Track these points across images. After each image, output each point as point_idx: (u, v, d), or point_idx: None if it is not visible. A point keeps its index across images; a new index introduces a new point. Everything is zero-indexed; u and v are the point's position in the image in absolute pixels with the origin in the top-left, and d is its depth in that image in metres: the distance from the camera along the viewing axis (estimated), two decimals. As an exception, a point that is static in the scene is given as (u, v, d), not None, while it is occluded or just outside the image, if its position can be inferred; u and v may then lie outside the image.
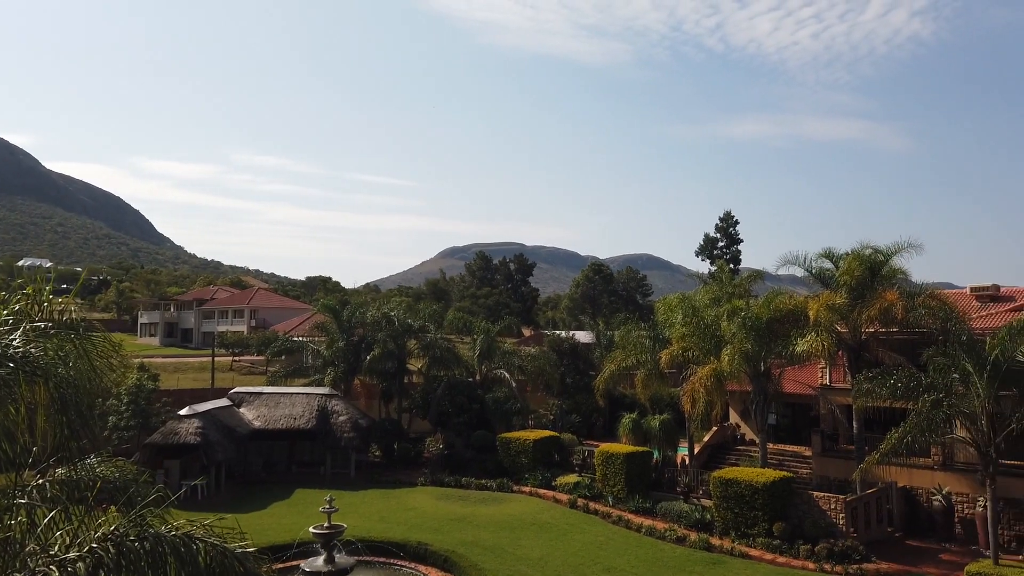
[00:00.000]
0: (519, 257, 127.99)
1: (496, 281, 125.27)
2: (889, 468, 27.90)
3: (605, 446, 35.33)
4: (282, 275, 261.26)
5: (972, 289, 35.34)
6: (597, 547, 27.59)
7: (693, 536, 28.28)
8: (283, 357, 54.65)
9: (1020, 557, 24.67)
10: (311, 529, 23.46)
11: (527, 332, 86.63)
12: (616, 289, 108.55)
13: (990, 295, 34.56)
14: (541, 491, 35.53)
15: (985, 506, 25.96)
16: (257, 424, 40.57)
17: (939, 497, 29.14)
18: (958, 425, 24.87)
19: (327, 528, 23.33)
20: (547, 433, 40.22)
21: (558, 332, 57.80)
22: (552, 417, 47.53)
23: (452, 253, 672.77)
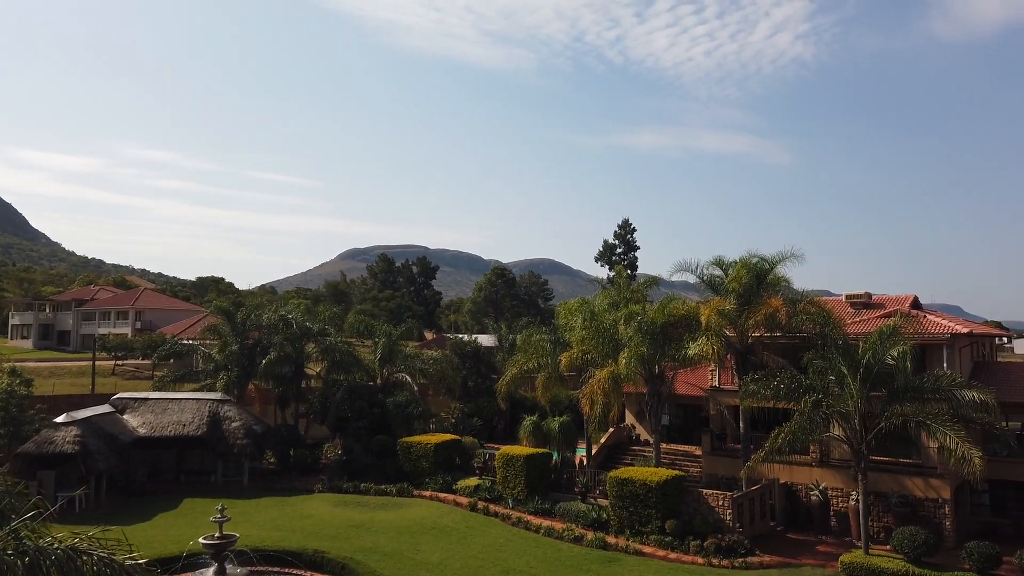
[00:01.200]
0: (422, 260, 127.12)
1: (399, 284, 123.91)
2: (773, 465, 29.45)
3: (506, 449, 35.60)
4: (171, 275, 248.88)
5: (847, 297, 37.82)
6: (496, 549, 27.76)
7: (590, 535, 28.91)
8: (171, 361, 52.14)
9: (888, 547, 26.51)
10: (201, 540, 22.51)
11: (429, 336, 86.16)
12: (518, 293, 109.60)
13: (863, 302, 37.08)
14: (442, 495, 35.42)
15: (857, 500, 27.84)
16: (142, 431, 38.49)
17: (817, 492, 31.01)
18: (834, 424, 26.55)
19: (218, 538, 22.46)
20: (449, 437, 40.13)
21: (461, 336, 57.74)
22: (454, 421, 47.48)
23: (354, 255, 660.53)
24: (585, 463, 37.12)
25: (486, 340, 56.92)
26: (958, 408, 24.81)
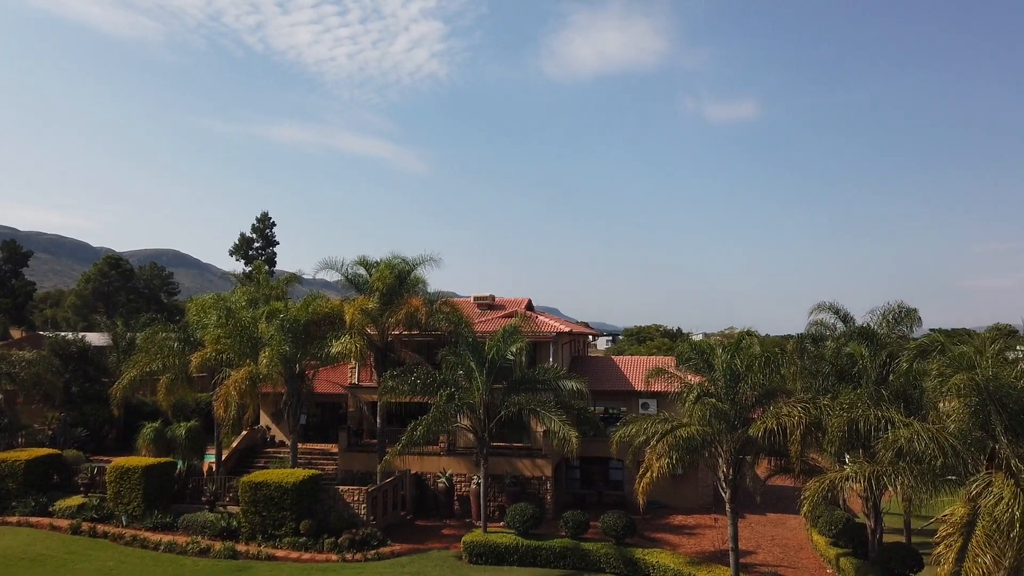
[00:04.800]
0: (10, 243, 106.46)
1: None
2: (406, 457, 30.94)
3: (120, 460, 31.70)
4: None
5: (475, 298, 41.47)
6: (104, 574, 24.64)
7: (218, 546, 27.30)
8: None
9: (501, 524, 29.62)
10: None
11: (17, 333, 72.49)
12: (137, 287, 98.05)
13: (488, 304, 41.02)
14: (34, 519, 30.27)
15: (478, 483, 30.66)
16: None
17: (443, 479, 33.38)
18: (462, 415, 28.87)
19: None
20: (44, 451, 34.37)
21: (63, 333, 49.79)
22: (52, 432, 40.74)
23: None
24: (215, 469, 34.82)
25: (97, 339, 49.95)
26: (561, 396, 28.81)
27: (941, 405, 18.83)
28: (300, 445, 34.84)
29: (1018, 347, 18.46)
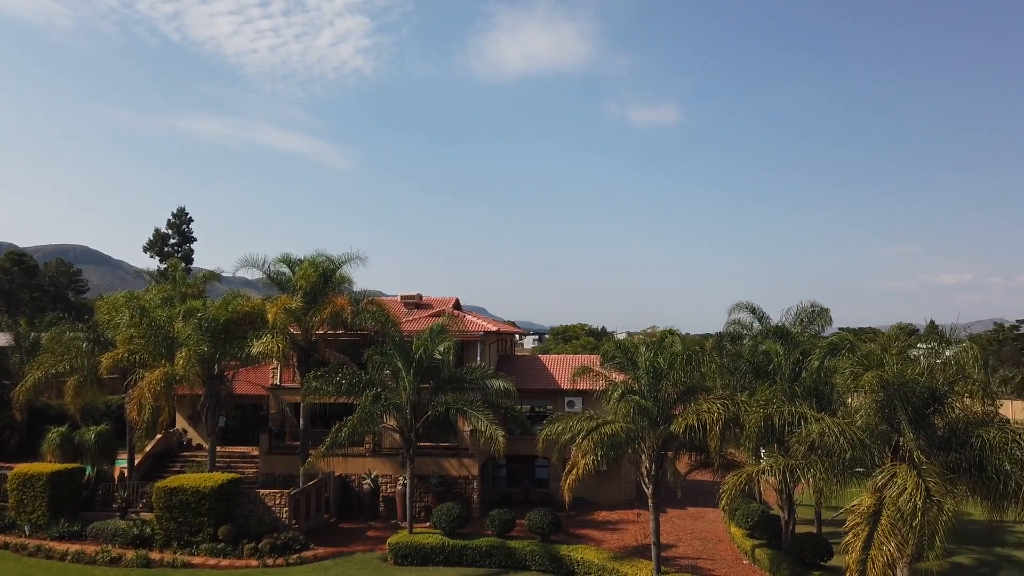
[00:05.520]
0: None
1: None
2: (330, 459, 30.38)
3: (22, 467, 29.99)
4: None
5: (402, 297, 41.10)
6: (7, 587, 23.30)
7: (130, 554, 26.21)
8: None
9: (427, 524, 29.47)
10: None
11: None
12: (42, 284, 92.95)
13: (415, 303, 40.72)
14: (-76, 533, 28.33)
15: (404, 484, 30.40)
16: None
17: (368, 480, 32.96)
18: (389, 415, 28.56)
19: None
20: (-64, 459, 32.21)
21: (-43, 333, 46.76)
22: (-57, 439, 38.21)
23: None
24: (127, 475, 33.36)
25: (-3, 339, 47.11)
26: (488, 395, 28.86)
27: (850, 400, 19.77)
28: (219, 448, 33.78)
29: (920, 345, 19.52)
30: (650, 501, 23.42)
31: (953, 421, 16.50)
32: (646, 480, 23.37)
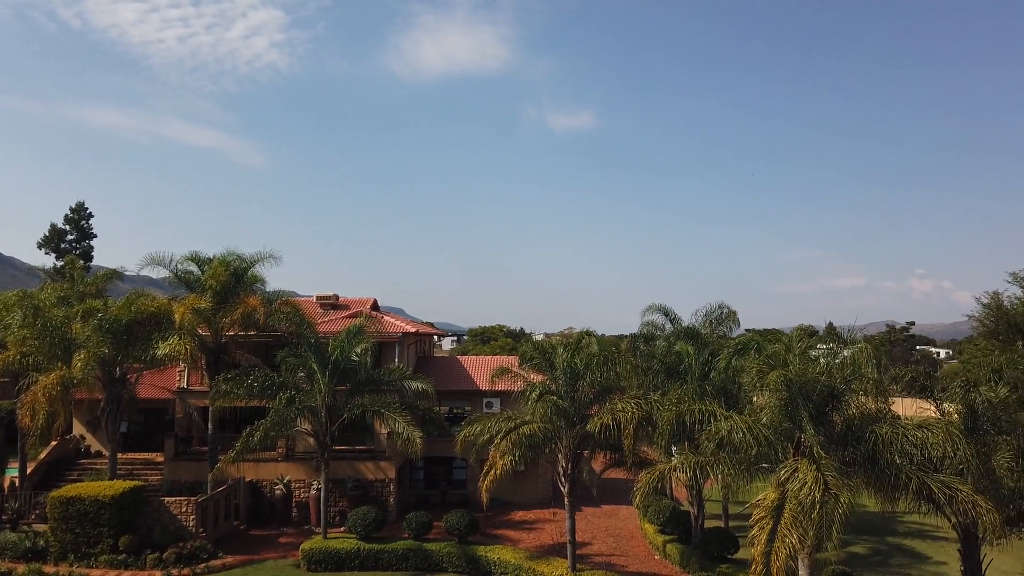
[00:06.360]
0: None
1: None
2: (241, 464, 29.42)
3: (-103, 479, 27.83)
4: None
5: (318, 297, 40.24)
6: None
7: (22, 568, 24.76)
8: None
9: (342, 528, 28.95)
10: None
11: None
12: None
13: (331, 303, 39.95)
14: None
15: (319, 488, 29.77)
16: None
17: (281, 486, 32.10)
18: (303, 419, 27.90)
19: None
20: None
21: None
22: None
23: None
24: (18, 485, 31.36)
25: None
26: (406, 397, 28.61)
27: (756, 399, 20.60)
28: (120, 455, 32.24)
29: (820, 345, 20.53)
30: (566, 500, 23.75)
31: (850, 418, 17.42)
32: (562, 479, 23.69)
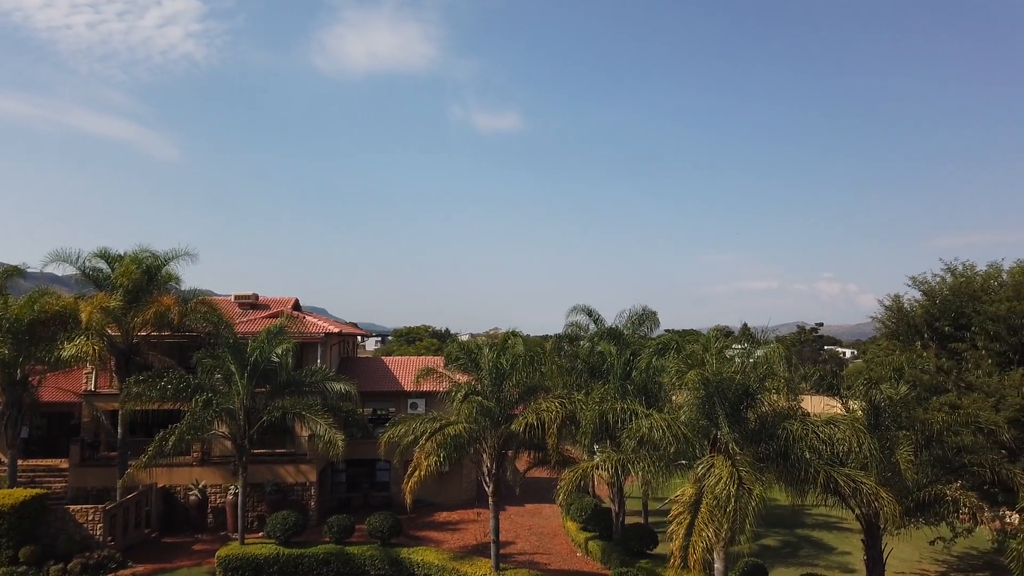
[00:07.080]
0: None
1: None
2: (153, 470, 28.26)
3: None
4: None
5: (236, 297, 39.02)
6: None
7: (-92, 586, 23.08)
8: None
9: (260, 534, 28.22)
10: None
11: None
12: None
13: (251, 303, 38.81)
14: None
15: (236, 493, 28.91)
16: None
17: (196, 491, 31.01)
18: (220, 422, 27.02)
19: None
20: None
21: None
22: None
23: None
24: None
25: None
26: (328, 399, 28.09)
27: (675, 397, 21.19)
28: (21, 462, 30.46)
29: (735, 346, 21.29)
30: (490, 500, 23.84)
31: (763, 415, 18.14)
32: (487, 479, 23.77)
